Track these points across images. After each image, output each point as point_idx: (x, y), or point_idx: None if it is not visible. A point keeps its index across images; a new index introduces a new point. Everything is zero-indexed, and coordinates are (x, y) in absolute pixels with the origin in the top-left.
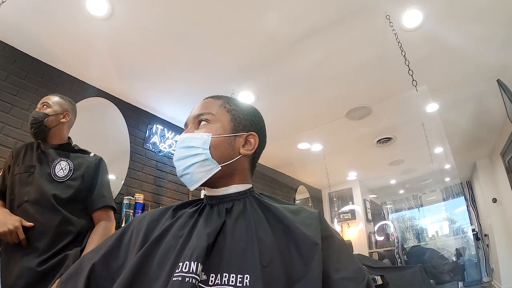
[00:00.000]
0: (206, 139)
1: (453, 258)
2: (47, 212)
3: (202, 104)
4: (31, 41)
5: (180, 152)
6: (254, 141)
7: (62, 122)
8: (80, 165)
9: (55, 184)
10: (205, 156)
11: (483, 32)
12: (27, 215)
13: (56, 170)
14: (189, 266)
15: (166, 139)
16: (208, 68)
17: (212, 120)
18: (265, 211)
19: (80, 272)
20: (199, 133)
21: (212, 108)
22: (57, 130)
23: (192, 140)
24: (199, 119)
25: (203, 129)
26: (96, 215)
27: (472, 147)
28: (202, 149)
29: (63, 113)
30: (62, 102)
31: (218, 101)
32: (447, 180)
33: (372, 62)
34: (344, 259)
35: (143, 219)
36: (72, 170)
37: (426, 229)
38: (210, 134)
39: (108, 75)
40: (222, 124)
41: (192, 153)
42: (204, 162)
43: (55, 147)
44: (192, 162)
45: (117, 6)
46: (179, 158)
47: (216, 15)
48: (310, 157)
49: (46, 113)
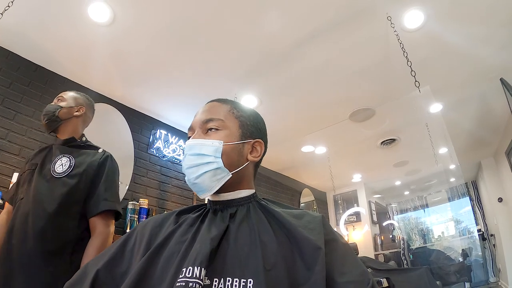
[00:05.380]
0: (218, 146)
1: (460, 259)
2: (36, 211)
3: (210, 108)
4: (34, 49)
5: (191, 159)
6: (261, 148)
7: (76, 115)
8: (83, 161)
9: (51, 181)
10: (217, 165)
11: (485, 32)
12: (19, 213)
13: (56, 166)
14: (193, 271)
15: (170, 144)
16: (211, 72)
17: (221, 126)
18: (268, 216)
19: (84, 279)
20: (210, 140)
21: (220, 114)
22: (69, 124)
23: (202, 147)
24: (208, 125)
25: (213, 135)
26: (92, 222)
27: (477, 146)
28: (214, 157)
29: (77, 107)
30: (77, 96)
31: (225, 106)
32: (452, 181)
33: (375, 63)
34: (348, 263)
35: (146, 225)
36: (72, 166)
37: (432, 230)
38: (221, 141)
39: (111, 81)
40: (231, 131)
41: (203, 161)
42: (216, 171)
43: (61, 143)
44: (204, 170)
45: (119, 12)
46: (189, 166)
47: (218, 20)
48: (314, 159)
49: (59, 105)
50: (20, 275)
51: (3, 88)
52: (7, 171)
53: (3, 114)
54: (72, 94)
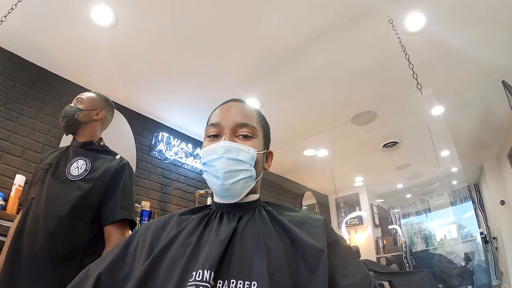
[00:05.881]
0: (253, 155)
1: (462, 263)
2: (48, 213)
3: (242, 111)
4: (37, 51)
5: (228, 164)
6: (271, 157)
7: (95, 119)
8: (99, 167)
9: (65, 183)
10: (251, 173)
11: (486, 34)
12: (30, 213)
13: (71, 168)
14: (203, 275)
15: (172, 147)
16: (213, 75)
17: (254, 134)
18: (272, 219)
19: (85, 281)
20: (247, 147)
21: (253, 120)
22: (88, 127)
23: (240, 152)
24: (243, 130)
25: (249, 142)
26: (107, 230)
27: (479, 149)
28: (250, 165)
29: (96, 110)
30: (97, 98)
31: (255, 112)
32: (454, 183)
33: (376, 66)
34: (350, 265)
35: (148, 227)
36: (88, 170)
37: (434, 234)
38: (256, 149)
39: (114, 83)
40: (259, 140)
41: (240, 168)
42: (248, 178)
43: (78, 145)
44: (240, 177)
45: (121, 15)
46: (228, 171)
47: (220, 23)
48: (316, 163)
49: (79, 108)
50: (28, 277)
51: (6, 90)
52: (9, 172)
53: (6, 116)
54: (91, 95)
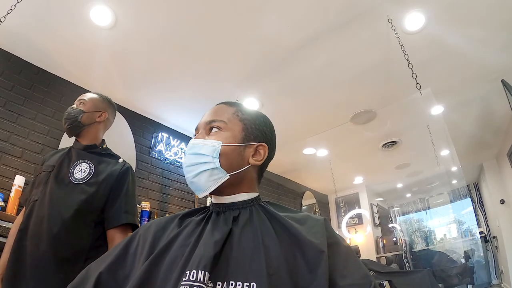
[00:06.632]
0: (216, 147)
1: (462, 261)
2: (51, 216)
3: (215, 110)
4: (36, 52)
5: (190, 158)
6: (264, 151)
7: (98, 121)
8: (103, 170)
9: (69, 186)
10: (214, 165)
11: (485, 34)
12: (33, 215)
13: (75, 171)
14: (197, 275)
15: (171, 147)
16: (213, 75)
17: (223, 128)
18: (271, 219)
19: (86, 281)
20: (209, 140)
21: (224, 116)
22: (91, 129)
23: (202, 147)
24: (211, 126)
25: (213, 136)
26: (111, 233)
27: (478, 148)
28: (212, 157)
29: (99, 112)
30: (100, 100)
31: (231, 108)
32: (454, 183)
33: (376, 66)
34: (350, 266)
35: (149, 228)
36: (92, 173)
37: (434, 232)
38: (220, 142)
39: (113, 84)
40: (233, 133)
41: (201, 161)
42: (213, 171)
43: (81, 148)
44: (201, 170)
45: (120, 16)
46: (188, 165)
47: (219, 23)
48: (316, 162)
49: (82, 110)
50: (31, 279)
51: (6, 91)
52: (9, 173)
53: (6, 117)
54: (94, 97)
